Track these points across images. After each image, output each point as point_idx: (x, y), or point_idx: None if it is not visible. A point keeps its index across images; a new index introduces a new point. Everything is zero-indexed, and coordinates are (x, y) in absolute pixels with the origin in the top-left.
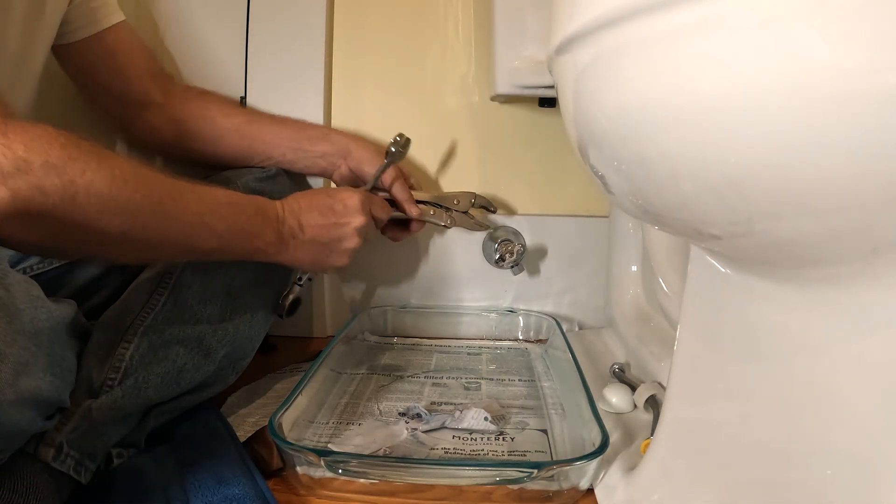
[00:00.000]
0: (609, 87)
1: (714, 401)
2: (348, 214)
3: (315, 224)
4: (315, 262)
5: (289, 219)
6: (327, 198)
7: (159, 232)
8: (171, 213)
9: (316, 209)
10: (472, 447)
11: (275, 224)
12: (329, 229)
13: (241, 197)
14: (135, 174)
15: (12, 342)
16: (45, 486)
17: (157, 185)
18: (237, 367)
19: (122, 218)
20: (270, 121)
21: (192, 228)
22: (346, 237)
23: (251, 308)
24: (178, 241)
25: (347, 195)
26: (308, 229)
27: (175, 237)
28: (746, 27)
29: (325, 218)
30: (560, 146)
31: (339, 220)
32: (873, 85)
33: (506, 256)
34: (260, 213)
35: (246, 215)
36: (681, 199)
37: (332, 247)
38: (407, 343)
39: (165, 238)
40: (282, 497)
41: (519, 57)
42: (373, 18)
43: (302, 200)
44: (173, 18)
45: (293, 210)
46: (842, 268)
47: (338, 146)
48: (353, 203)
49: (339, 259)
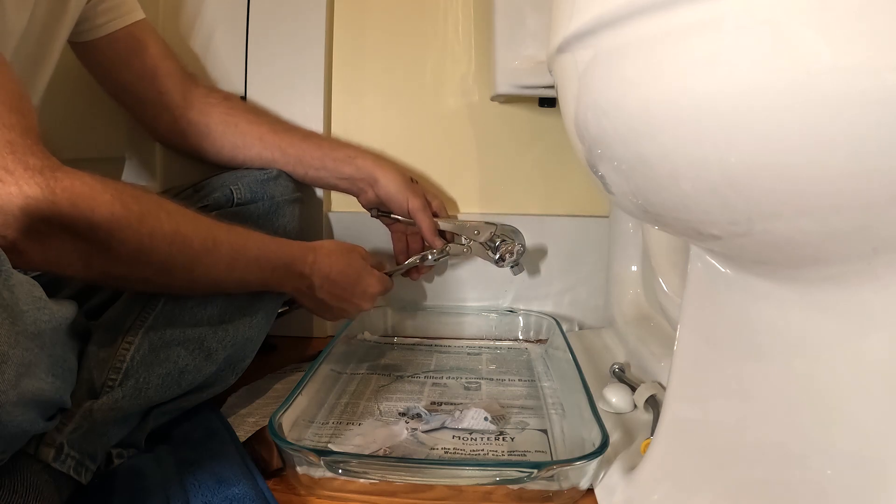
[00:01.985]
0: (609, 87)
1: (714, 400)
2: (363, 299)
3: (332, 292)
4: (312, 309)
5: (313, 278)
6: (356, 280)
7: (187, 281)
8: (202, 268)
9: (340, 283)
10: (472, 447)
11: (297, 278)
12: (339, 300)
13: (274, 245)
14: (174, 231)
15: (15, 344)
16: (45, 486)
17: (194, 240)
18: (237, 368)
19: (152, 270)
20: (295, 133)
21: (219, 281)
22: (348, 310)
23: (251, 310)
24: (204, 289)
25: (373, 283)
26: (323, 292)
27: (202, 287)
28: (746, 27)
29: (343, 292)
30: (560, 146)
31: (353, 299)
32: (873, 85)
33: (506, 256)
34: (287, 266)
35: (271, 265)
36: (681, 199)
37: (333, 310)
38: (407, 343)
39: (194, 285)
40: (282, 497)
41: (519, 57)
42: (373, 18)
43: (335, 267)
44: (173, 18)
45: (321, 273)
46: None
47: (364, 172)
48: (373, 292)
49: (331, 318)
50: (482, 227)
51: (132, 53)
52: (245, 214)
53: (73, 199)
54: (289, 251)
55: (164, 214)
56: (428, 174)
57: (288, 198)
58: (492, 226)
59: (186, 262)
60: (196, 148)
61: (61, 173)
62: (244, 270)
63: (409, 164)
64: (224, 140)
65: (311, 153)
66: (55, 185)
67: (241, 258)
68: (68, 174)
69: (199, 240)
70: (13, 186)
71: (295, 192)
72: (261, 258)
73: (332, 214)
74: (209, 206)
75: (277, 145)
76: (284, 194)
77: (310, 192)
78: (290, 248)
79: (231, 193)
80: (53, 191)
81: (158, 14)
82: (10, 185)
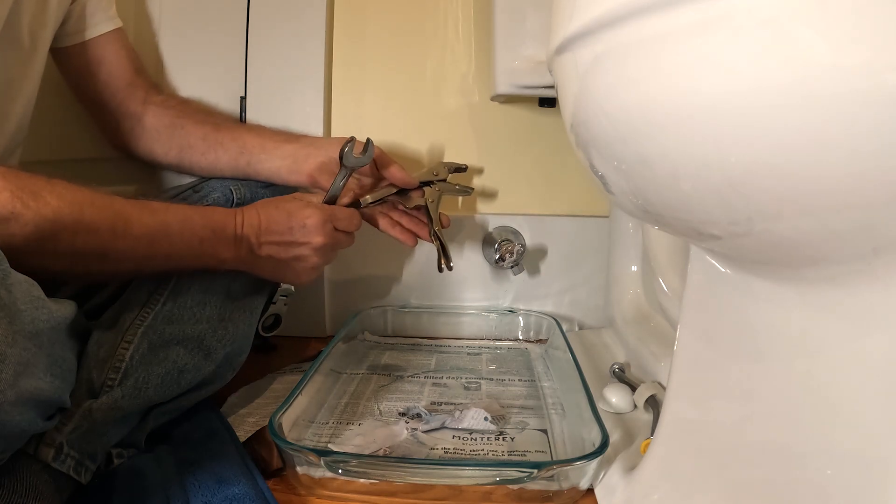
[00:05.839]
0: (609, 87)
1: (714, 400)
2: (307, 235)
3: (271, 242)
4: (274, 277)
5: (247, 235)
6: (287, 217)
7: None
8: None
9: (274, 227)
10: (472, 447)
11: (231, 242)
12: (286, 249)
13: (198, 216)
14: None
15: (13, 343)
16: (44, 486)
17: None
18: (234, 363)
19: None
20: (238, 127)
21: (143, 261)
22: (303, 257)
23: (250, 307)
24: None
25: (308, 214)
26: (264, 247)
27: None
28: (747, 27)
29: (281, 237)
30: (560, 146)
31: (297, 240)
32: (873, 85)
33: (506, 256)
34: (215, 232)
35: (198, 237)
36: (681, 199)
37: (290, 265)
38: (407, 343)
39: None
40: (282, 497)
41: (519, 57)
42: (373, 18)
43: (263, 215)
44: (173, 19)
45: (252, 225)
46: (842, 268)
47: (307, 141)
48: (313, 222)
49: (300, 276)
50: (437, 167)
51: (99, 64)
52: None
53: None
54: (213, 217)
55: (63, 205)
56: None
57: None
58: (442, 164)
59: (97, 249)
60: (149, 153)
61: None
62: (168, 247)
63: (409, 163)
64: (172, 143)
65: (251, 140)
66: None
67: (160, 236)
68: None
69: (107, 224)
70: None
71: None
72: (185, 231)
73: None
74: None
75: (219, 141)
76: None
77: None
78: (214, 214)
79: (231, 193)
80: None
81: (160, 14)
82: None
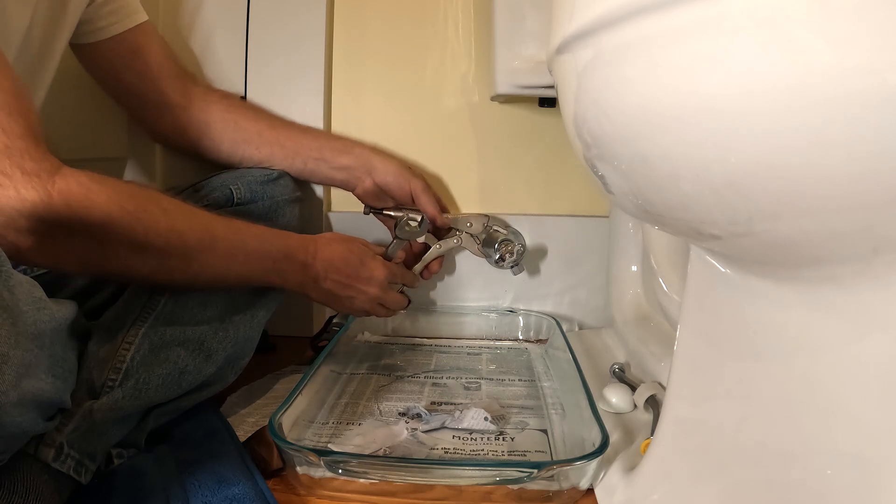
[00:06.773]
0: (609, 87)
1: (714, 400)
2: (369, 284)
3: (336, 280)
4: (323, 302)
5: (317, 266)
6: (359, 264)
7: (186, 277)
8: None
9: (344, 269)
10: (472, 447)
11: (300, 270)
12: (346, 288)
13: (274, 240)
14: (169, 228)
15: (16, 344)
16: (45, 486)
17: (190, 236)
18: (236, 366)
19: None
20: (293, 128)
21: (219, 275)
22: (357, 299)
23: (251, 309)
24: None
25: (376, 266)
26: (329, 281)
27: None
28: (746, 27)
29: (347, 279)
30: (560, 146)
31: (358, 286)
32: (873, 85)
33: (506, 256)
34: (288, 259)
35: (272, 259)
36: (681, 199)
37: (342, 300)
38: (407, 343)
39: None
40: (282, 497)
41: (519, 57)
42: (373, 18)
43: (336, 254)
44: (173, 18)
45: (324, 260)
46: (842, 268)
47: (361, 160)
48: (378, 276)
49: (345, 309)
50: (475, 218)
51: (134, 56)
52: (245, 214)
53: (69, 201)
54: (288, 242)
55: (159, 211)
56: (428, 174)
57: (288, 198)
58: (484, 217)
59: (183, 258)
60: (196, 146)
61: (59, 175)
62: (244, 264)
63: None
64: (223, 136)
65: (309, 144)
66: (51, 187)
67: (239, 252)
68: (65, 176)
69: (196, 235)
70: (11, 190)
71: (295, 192)
72: (260, 251)
73: (332, 214)
74: (209, 206)
75: (275, 139)
76: (284, 194)
77: (310, 192)
78: (289, 239)
79: (231, 193)
80: (50, 193)
81: (158, 14)
82: (8, 188)
